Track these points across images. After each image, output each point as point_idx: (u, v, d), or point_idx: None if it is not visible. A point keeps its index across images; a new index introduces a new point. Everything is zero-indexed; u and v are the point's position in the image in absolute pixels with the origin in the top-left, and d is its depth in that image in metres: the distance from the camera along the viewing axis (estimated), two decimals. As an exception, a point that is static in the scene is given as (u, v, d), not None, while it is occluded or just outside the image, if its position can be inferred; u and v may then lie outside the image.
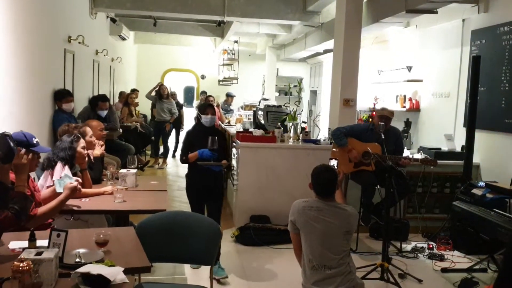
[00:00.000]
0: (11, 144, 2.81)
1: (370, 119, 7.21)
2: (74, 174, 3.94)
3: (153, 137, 10.54)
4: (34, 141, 3.35)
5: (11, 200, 2.68)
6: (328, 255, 3.19)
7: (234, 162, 6.88)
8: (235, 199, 6.42)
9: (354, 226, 3.41)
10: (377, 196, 5.46)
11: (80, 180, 3.59)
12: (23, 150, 2.89)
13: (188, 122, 12.86)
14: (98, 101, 7.14)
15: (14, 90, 4.56)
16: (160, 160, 10.95)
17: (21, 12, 4.72)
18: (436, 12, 6.28)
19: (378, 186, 5.32)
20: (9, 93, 4.43)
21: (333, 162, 3.88)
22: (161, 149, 11.15)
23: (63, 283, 2.24)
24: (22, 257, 2.11)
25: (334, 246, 3.22)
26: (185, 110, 12.92)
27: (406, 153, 6.11)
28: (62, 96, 5.94)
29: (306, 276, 3.28)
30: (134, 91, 11.61)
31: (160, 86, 10.76)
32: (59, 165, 3.82)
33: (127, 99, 10.31)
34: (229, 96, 12.93)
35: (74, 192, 3.41)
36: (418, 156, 5.94)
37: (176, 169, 11.07)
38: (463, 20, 6.56)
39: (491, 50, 5.92)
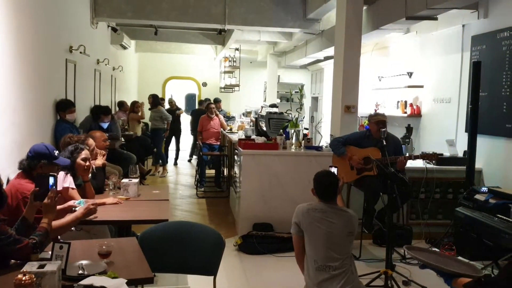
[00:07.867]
0: (51, 185, 2.79)
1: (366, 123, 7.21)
2: (78, 186, 3.96)
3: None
4: (56, 154, 3.42)
5: (34, 232, 2.65)
6: (332, 256, 3.25)
7: (236, 169, 6.87)
8: (238, 207, 6.41)
9: (356, 228, 3.47)
10: (379, 202, 5.44)
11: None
12: (51, 193, 2.82)
13: (184, 128, 12.82)
14: (100, 113, 7.14)
15: (16, 100, 4.57)
16: (161, 168, 10.94)
17: (23, 22, 4.74)
18: (436, 19, 6.29)
19: (381, 193, 5.30)
20: (12, 103, 4.44)
21: (334, 170, 3.92)
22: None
23: (66, 295, 2.24)
24: (24, 270, 2.11)
25: (338, 246, 3.28)
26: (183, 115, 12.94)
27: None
28: (66, 106, 5.93)
29: (310, 278, 3.31)
30: (136, 103, 11.57)
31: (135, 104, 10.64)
32: (61, 174, 3.83)
33: (134, 108, 10.33)
34: (217, 102, 12.20)
35: (89, 215, 3.38)
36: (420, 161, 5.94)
37: (176, 177, 11.07)
38: (463, 26, 6.57)
39: (491, 56, 5.92)
